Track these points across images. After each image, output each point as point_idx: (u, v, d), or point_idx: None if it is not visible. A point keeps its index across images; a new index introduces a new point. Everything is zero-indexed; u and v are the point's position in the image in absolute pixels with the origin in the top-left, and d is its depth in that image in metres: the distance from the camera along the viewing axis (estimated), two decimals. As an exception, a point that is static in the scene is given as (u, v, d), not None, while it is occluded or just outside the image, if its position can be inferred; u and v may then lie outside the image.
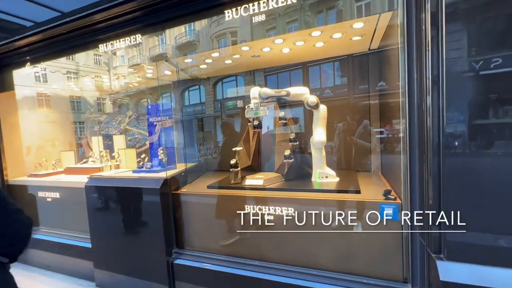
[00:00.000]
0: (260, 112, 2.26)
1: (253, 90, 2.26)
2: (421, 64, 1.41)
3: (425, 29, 1.34)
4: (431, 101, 1.28)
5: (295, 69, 2.95)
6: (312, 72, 2.88)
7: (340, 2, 2.20)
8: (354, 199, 1.79)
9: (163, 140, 2.77)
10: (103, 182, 2.58)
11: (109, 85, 4.47)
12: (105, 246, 2.53)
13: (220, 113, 3.40)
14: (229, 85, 3.35)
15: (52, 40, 2.69)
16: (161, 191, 2.24)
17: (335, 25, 1.91)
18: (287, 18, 2.13)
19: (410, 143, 1.53)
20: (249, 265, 2.05)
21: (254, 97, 2.25)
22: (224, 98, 3.34)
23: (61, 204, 3.03)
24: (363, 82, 2.60)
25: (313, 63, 2.83)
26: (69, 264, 2.91)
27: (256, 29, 2.38)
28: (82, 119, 4.46)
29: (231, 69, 3.03)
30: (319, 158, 2.26)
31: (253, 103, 2.25)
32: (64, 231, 3.01)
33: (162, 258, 2.27)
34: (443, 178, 1.27)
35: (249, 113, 2.30)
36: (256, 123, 2.38)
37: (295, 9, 2.10)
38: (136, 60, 4.12)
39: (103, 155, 3.32)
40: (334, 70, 2.83)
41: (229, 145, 3.22)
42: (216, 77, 3.35)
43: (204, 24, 2.77)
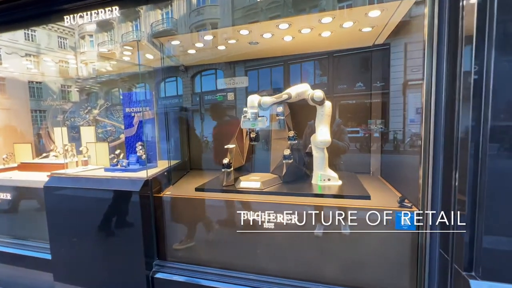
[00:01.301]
0: (258, 123, 2.02)
1: (252, 98, 2.01)
2: (454, 59, 1.25)
3: (463, 19, 1.18)
4: (472, 101, 1.12)
5: (277, 65, 2.84)
6: (293, 69, 2.78)
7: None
8: (365, 206, 1.61)
9: (144, 134, 2.41)
10: (68, 182, 2.16)
11: (75, 71, 3.94)
12: (69, 257, 2.13)
13: (199, 107, 3.10)
14: (208, 78, 3.15)
15: (3, 6, 2.18)
16: (141, 194, 1.91)
17: (351, 9, 1.71)
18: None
19: (435, 145, 1.38)
20: (245, 279, 1.81)
21: (252, 106, 2.00)
22: (203, 91, 3.13)
23: (13, 207, 2.54)
24: (363, 80, 2.48)
25: (302, 60, 2.70)
26: (23, 278, 2.45)
27: (237, 21, 2.23)
28: (43, 107, 3.88)
29: (220, 57, 2.75)
30: (321, 159, 2.07)
31: (251, 112, 2.00)
32: (16, 240, 2.52)
33: (140, 271, 1.94)
34: (481, 185, 1.12)
35: (245, 123, 2.05)
36: (253, 135, 2.11)
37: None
38: (107, 46, 3.70)
39: (68, 149, 2.85)
40: (329, 66, 2.68)
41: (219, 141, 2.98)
42: (195, 69, 3.13)
43: (183, 12, 2.59)
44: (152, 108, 2.48)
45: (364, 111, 2.51)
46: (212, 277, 1.89)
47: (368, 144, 2.53)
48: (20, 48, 3.96)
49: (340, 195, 1.78)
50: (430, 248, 1.43)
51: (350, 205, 1.61)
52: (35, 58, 4.21)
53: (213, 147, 3.02)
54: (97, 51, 3.68)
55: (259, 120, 2.01)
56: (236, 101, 2.89)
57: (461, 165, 1.20)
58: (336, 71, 2.60)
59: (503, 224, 1.10)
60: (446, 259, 1.32)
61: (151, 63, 2.78)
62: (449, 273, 1.29)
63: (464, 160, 1.16)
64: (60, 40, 4.22)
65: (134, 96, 2.48)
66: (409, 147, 1.93)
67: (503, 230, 1.10)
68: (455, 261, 1.25)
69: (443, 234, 1.37)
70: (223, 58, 2.80)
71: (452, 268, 1.27)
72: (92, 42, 3.88)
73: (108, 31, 3.86)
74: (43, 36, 4.18)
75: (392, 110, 2.33)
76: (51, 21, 2.32)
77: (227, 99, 2.86)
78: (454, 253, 1.26)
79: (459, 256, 1.22)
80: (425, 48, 1.40)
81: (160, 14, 3.09)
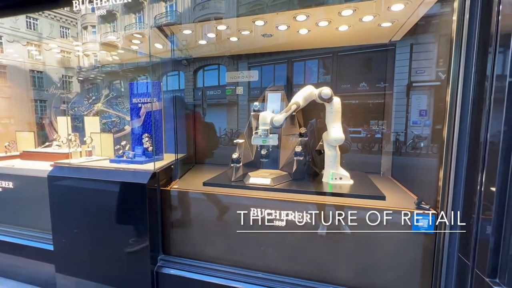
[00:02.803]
0: (269, 140, 1.97)
1: (264, 115, 1.96)
2: (484, 58, 1.20)
3: (498, 15, 1.12)
4: (506, 103, 1.06)
5: (281, 62, 2.81)
6: (297, 67, 2.75)
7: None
8: (380, 207, 1.56)
9: (152, 125, 2.34)
10: (73, 173, 2.11)
11: (77, 61, 3.87)
12: (71, 249, 2.08)
13: (201, 102, 3.05)
14: (211, 73, 3.14)
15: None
16: (149, 186, 1.85)
17: (374, 1, 1.64)
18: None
19: (459, 147, 1.33)
20: (252, 277, 1.77)
21: (264, 122, 1.95)
22: (206, 86, 3.12)
23: (15, 196, 2.48)
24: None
25: (306, 57, 2.64)
26: (23, 268, 2.41)
27: (242, 15, 2.17)
28: (44, 97, 3.81)
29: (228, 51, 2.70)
30: (333, 157, 2.02)
31: (262, 129, 1.95)
32: (18, 229, 2.48)
33: (145, 265, 1.90)
34: (511, 190, 1.07)
35: (255, 140, 2.00)
36: (264, 153, 2.04)
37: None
38: (112, 35, 3.65)
39: (72, 139, 2.79)
40: (332, 63, 2.63)
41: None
42: (198, 63, 3.11)
43: (187, 6, 2.59)
44: (160, 100, 2.41)
45: (373, 111, 2.48)
46: (218, 273, 1.85)
47: (373, 144, 2.51)
48: (21, 36, 3.88)
49: (355, 194, 1.73)
50: (449, 252, 1.39)
51: (365, 205, 1.57)
52: (37, 47, 4.13)
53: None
54: (100, 41, 3.61)
55: (271, 137, 1.98)
56: (237, 96, 2.86)
57: (489, 168, 1.15)
58: (340, 70, 2.57)
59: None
60: (466, 264, 1.28)
61: (158, 54, 2.71)
62: (469, 279, 1.25)
63: (493, 163, 1.12)
64: (62, 30, 4.14)
65: (142, 86, 2.41)
66: (430, 149, 1.89)
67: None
68: (477, 266, 1.21)
69: (463, 238, 1.33)
70: (232, 52, 2.75)
71: (473, 273, 1.23)
72: (94, 32, 3.81)
73: (110, 22, 3.79)
74: (45, 25, 4.10)
75: (396, 111, 2.31)
76: (59, 5, 2.23)
77: (235, 93, 2.80)
78: (476, 258, 1.22)
79: (482, 261, 1.18)
80: (452, 46, 1.34)
81: (164, 7, 3.03)
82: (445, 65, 1.44)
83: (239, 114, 2.97)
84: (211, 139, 3.05)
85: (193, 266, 1.92)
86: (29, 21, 4.08)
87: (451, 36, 1.36)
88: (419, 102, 2.15)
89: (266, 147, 2.04)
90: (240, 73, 2.74)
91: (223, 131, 3.09)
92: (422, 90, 2.11)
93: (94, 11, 2.07)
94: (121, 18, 3.68)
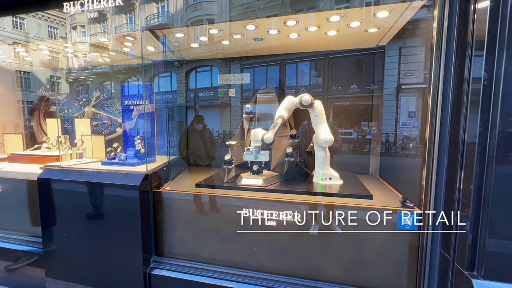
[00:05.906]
0: (260, 156, 2.04)
1: (255, 132, 2.01)
2: (462, 63, 1.27)
3: (474, 23, 1.20)
4: (481, 105, 1.13)
5: (273, 64, 2.87)
6: (289, 69, 2.80)
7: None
8: (367, 205, 1.63)
9: (144, 127, 2.35)
10: (63, 175, 2.09)
11: (66, 62, 3.82)
12: (62, 252, 2.07)
13: (193, 104, 3.07)
14: (203, 74, 3.16)
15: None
16: (141, 188, 1.86)
17: (360, 9, 1.71)
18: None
19: (440, 147, 1.40)
20: (244, 276, 1.80)
21: (255, 139, 2.00)
22: (198, 88, 3.14)
23: (3, 199, 2.44)
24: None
25: (298, 60, 2.70)
26: (12, 273, 2.37)
27: (234, 18, 2.21)
28: (32, 98, 3.74)
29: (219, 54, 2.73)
30: (323, 158, 2.08)
31: (254, 146, 2.02)
32: (6, 233, 2.43)
33: (137, 267, 1.90)
34: (486, 188, 1.14)
35: (247, 156, 2.06)
36: (255, 168, 2.11)
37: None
38: (101, 37, 3.60)
39: (62, 141, 2.76)
40: (324, 66, 2.69)
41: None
42: (190, 65, 3.13)
43: (179, 7, 2.58)
44: (152, 102, 2.42)
45: (363, 113, 2.55)
46: (211, 274, 1.87)
47: (363, 145, 2.58)
48: (7, 36, 3.80)
49: (344, 194, 1.78)
50: (431, 247, 1.46)
51: (353, 204, 1.62)
52: (24, 47, 4.04)
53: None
54: (90, 42, 3.57)
55: (262, 153, 2.04)
56: (230, 98, 2.89)
57: (467, 167, 1.22)
58: (331, 72, 2.63)
59: (507, 226, 1.13)
60: (447, 258, 1.34)
61: (150, 56, 2.71)
62: (450, 272, 1.31)
63: (470, 163, 1.18)
64: (50, 29, 4.06)
65: (133, 88, 2.42)
66: (419, 149, 1.96)
67: (507, 231, 1.13)
68: (457, 260, 1.27)
69: (444, 235, 1.39)
70: (224, 54, 2.77)
71: (453, 267, 1.29)
72: (84, 33, 3.77)
73: (101, 23, 3.75)
74: (32, 25, 4.02)
75: (386, 113, 2.38)
76: (50, 7, 2.21)
77: (228, 95, 2.83)
78: (456, 253, 1.28)
79: (461, 256, 1.24)
80: (433, 51, 1.41)
81: (155, 8, 3.03)
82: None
83: (231, 115, 3.00)
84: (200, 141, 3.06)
85: (186, 267, 1.94)
86: (16, 20, 3.99)
87: (432, 42, 1.43)
88: (408, 104, 2.22)
89: (257, 163, 2.09)
90: (233, 76, 2.78)
91: (215, 133, 3.11)
92: (411, 92, 2.19)
93: (84, 11, 2.06)
94: (112, 19, 3.65)
